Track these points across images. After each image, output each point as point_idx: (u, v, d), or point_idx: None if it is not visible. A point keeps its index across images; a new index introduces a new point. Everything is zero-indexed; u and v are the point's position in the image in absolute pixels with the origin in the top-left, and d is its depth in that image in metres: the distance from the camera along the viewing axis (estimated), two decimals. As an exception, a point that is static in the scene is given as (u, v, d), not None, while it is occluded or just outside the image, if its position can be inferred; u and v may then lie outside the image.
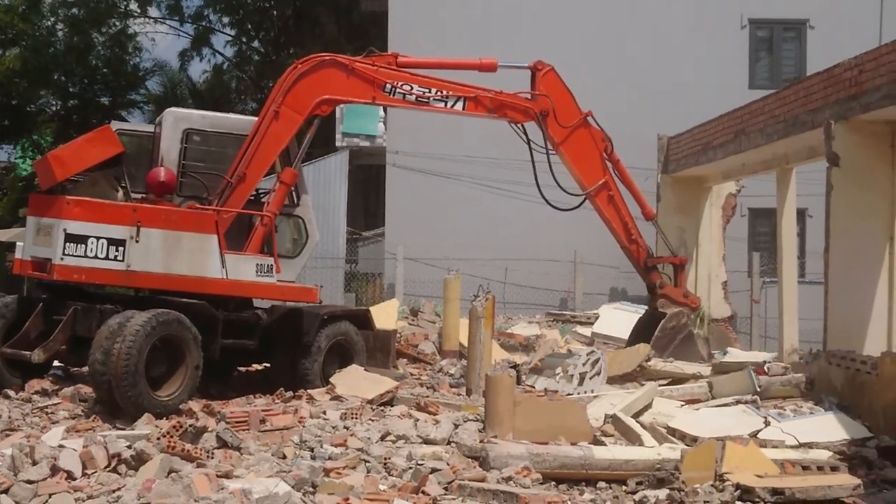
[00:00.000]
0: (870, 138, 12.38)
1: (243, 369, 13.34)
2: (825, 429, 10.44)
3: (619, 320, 16.74)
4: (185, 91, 36.41)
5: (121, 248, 10.94)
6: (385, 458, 8.68)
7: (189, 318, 10.76)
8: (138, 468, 7.97)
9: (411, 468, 8.41)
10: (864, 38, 18.79)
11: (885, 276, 12.42)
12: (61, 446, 8.38)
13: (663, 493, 8.18)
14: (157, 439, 8.53)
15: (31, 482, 7.57)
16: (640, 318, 14.83)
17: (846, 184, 12.44)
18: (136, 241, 10.99)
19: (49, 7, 32.85)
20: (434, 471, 8.25)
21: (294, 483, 7.64)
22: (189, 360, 10.70)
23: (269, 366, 12.86)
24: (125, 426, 9.85)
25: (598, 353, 12.85)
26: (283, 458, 8.75)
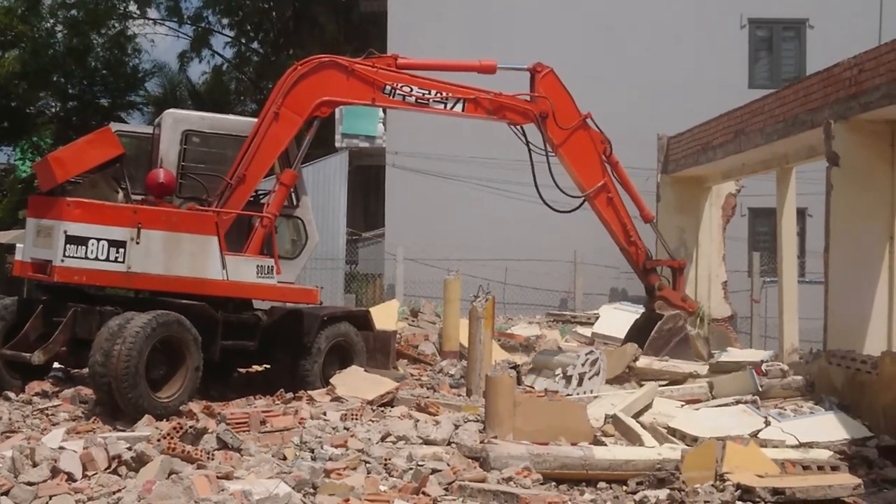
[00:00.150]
0: (869, 138, 12.38)
1: (243, 371, 13.33)
2: (825, 428, 10.45)
3: (619, 320, 16.73)
4: (185, 92, 36.37)
5: (121, 250, 10.93)
6: (385, 459, 8.68)
7: (189, 320, 10.75)
8: (139, 470, 7.96)
9: (412, 469, 8.41)
10: (863, 37, 18.78)
11: (885, 275, 12.42)
12: (62, 448, 8.37)
13: (664, 494, 8.18)
14: (158, 441, 8.52)
15: (31, 484, 7.57)
16: (637, 320, 14.83)
17: (846, 183, 12.44)
18: (137, 243, 10.97)
19: (48, 9, 32.82)
20: (434, 471, 8.25)
21: (294, 484, 7.64)
22: (189, 362, 10.68)
23: (269, 367, 12.85)
24: (125, 428, 9.85)
25: (597, 353, 12.83)
26: (284, 459, 8.75)
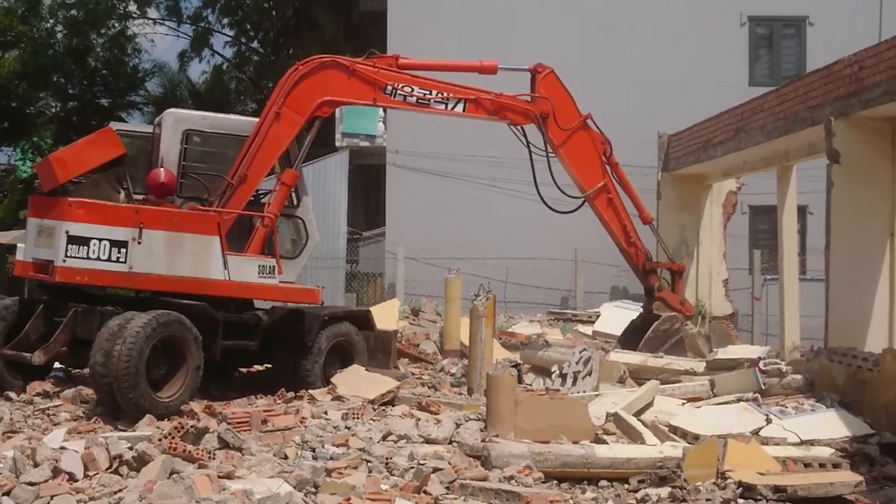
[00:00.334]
0: (870, 135, 12.37)
1: (244, 370, 13.33)
2: (827, 426, 10.44)
3: (620, 319, 16.69)
4: (185, 92, 36.37)
5: (123, 250, 10.93)
6: (387, 458, 8.68)
7: (190, 320, 10.75)
8: (140, 469, 7.96)
9: (413, 468, 8.41)
10: (863, 34, 18.75)
11: (886, 272, 12.40)
12: (63, 448, 8.37)
13: (665, 492, 8.18)
14: (159, 440, 8.53)
15: (32, 484, 7.57)
16: (633, 320, 14.80)
17: (847, 181, 12.42)
18: (139, 243, 10.98)
19: (48, 9, 32.81)
20: (436, 470, 8.25)
21: (296, 483, 7.64)
22: (190, 361, 10.68)
23: (270, 367, 12.85)
24: (126, 427, 9.85)
25: (589, 351, 12.78)
26: (285, 458, 8.75)
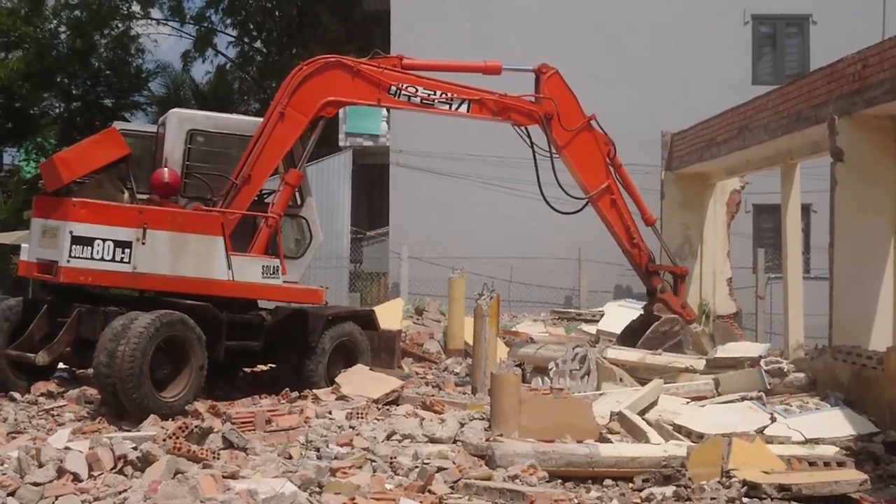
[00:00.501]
0: (874, 133, 12.35)
1: (248, 370, 13.34)
2: (831, 424, 10.43)
3: (624, 318, 16.66)
4: (188, 92, 36.40)
5: (127, 250, 10.92)
6: (391, 458, 8.68)
7: (193, 320, 10.75)
8: (144, 469, 7.96)
9: (417, 467, 8.40)
10: (867, 32, 18.76)
11: (890, 270, 12.39)
12: (67, 448, 8.37)
13: (670, 490, 8.18)
14: (163, 440, 8.53)
15: (37, 484, 7.56)
16: (633, 321, 14.75)
17: (851, 179, 12.41)
18: (143, 243, 10.98)
19: (51, 10, 32.84)
20: (440, 469, 8.24)
21: (300, 483, 7.63)
22: (194, 361, 10.69)
23: (274, 366, 12.86)
24: (131, 428, 9.85)
25: (584, 348, 12.69)
26: (289, 458, 8.75)
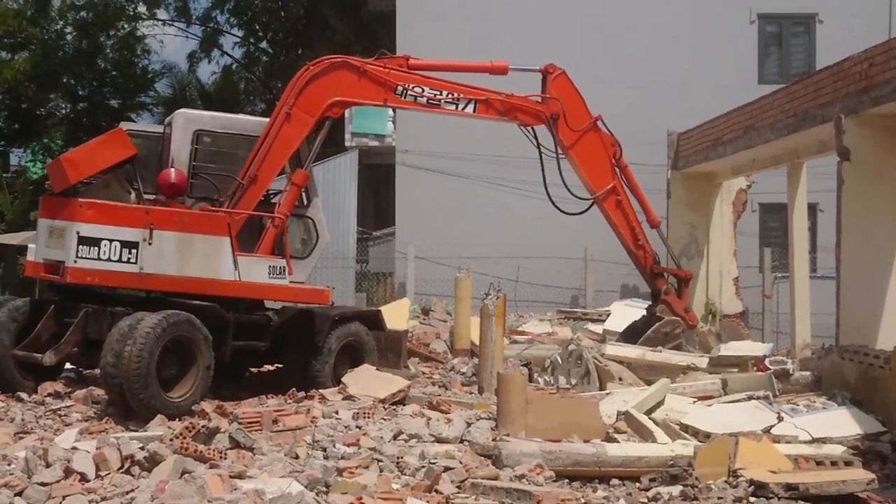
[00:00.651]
0: (880, 132, 12.33)
1: (255, 370, 13.35)
2: (838, 424, 10.42)
3: (631, 317, 16.66)
4: (194, 92, 36.52)
5: (134, 251, 10.93)
6: (398, 457, 8.67)
7: (200, 320, 10.75)
8: (151, 469, 7.97)
9: (424, 467, 8.40)
10: (873, 31, 18.70)
11: (897, 269, 12.38)
12: (74, 448, 8.39)
13: (677, 490, 8.17)
14: (170, 440, 8.54)
15: (44, 484, 7.58)
16: (635, 322, 14.71)
17: (857, 178, 12.39)
18: (149, 244, 10.99)
19: (58, 11, 32.93)
20: (447, 469, 8.24)
21: (307, 483, 7.64)
22: (200, 361, 10.69)
23: (280, 367, 12.87)
24: (138, 428, 9.87)
25: (580, 347, 12.62)
26: (296, 458, 8.75)
